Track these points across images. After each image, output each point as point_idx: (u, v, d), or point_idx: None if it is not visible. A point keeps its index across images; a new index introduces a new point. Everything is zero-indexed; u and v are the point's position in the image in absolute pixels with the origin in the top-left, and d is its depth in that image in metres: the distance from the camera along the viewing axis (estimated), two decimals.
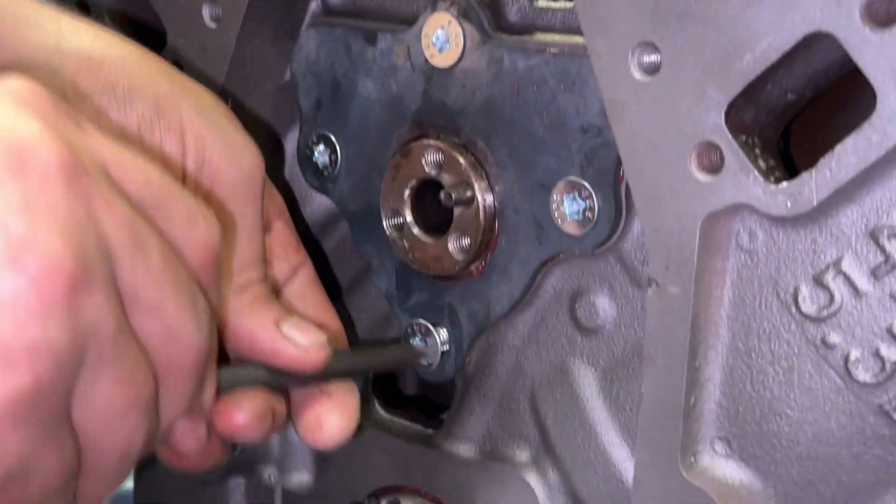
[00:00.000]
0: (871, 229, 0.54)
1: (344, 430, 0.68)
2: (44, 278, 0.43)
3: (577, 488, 0.71)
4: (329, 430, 0.68)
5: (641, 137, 0.59)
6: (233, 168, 0.63)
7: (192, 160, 0.62)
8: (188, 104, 0.63)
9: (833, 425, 0.58)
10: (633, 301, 0.67)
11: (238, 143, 0.64)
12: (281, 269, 0.71)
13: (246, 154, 0.65)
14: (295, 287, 0.72)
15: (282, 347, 0.64)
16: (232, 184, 0.63)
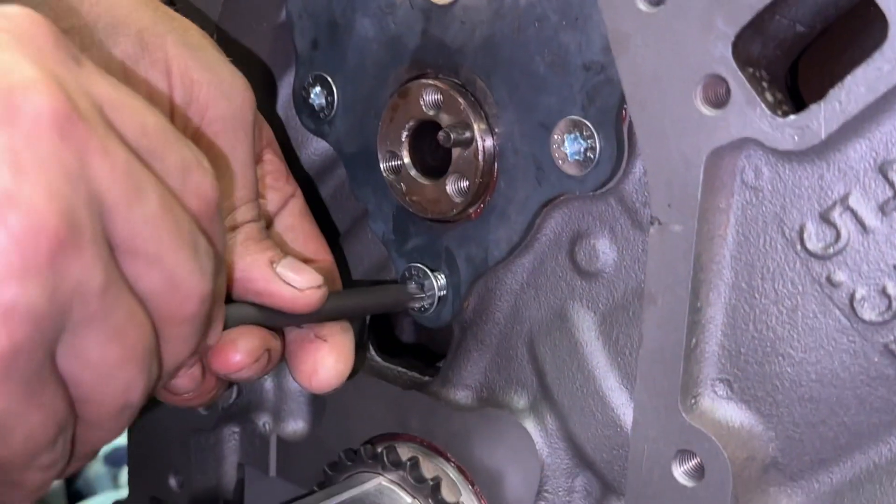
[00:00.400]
0: (880, 163, 0.53)
1: (340, 374, 0.68)
2: (25, 238, 0.41)
3: (575, 433, 0.70)
4: (325, 373, 0.67)
5: (646, 71, 0.57)
6: (222, 103, 0.62)
7: (180, 96, 0.61)
8: (173, 38, 0.61)
9: (837, 366, 0.57)
10: (633, 244, 0.66)
11: (226, 78, 0.63)
12: (272, 199, 0.70)
13: (235, 88, 0.63)
14: (285, 218, 0.71)
15: (277, 288, 0.63)
16: (221, 119, 0.62)
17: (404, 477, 0.76)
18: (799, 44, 0.57)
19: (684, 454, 0.61)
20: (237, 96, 0.63)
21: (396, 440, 0.80)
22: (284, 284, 0.63)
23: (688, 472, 0.61)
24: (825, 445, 0.59)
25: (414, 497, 0.76)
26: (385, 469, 0.77)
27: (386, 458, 0.76)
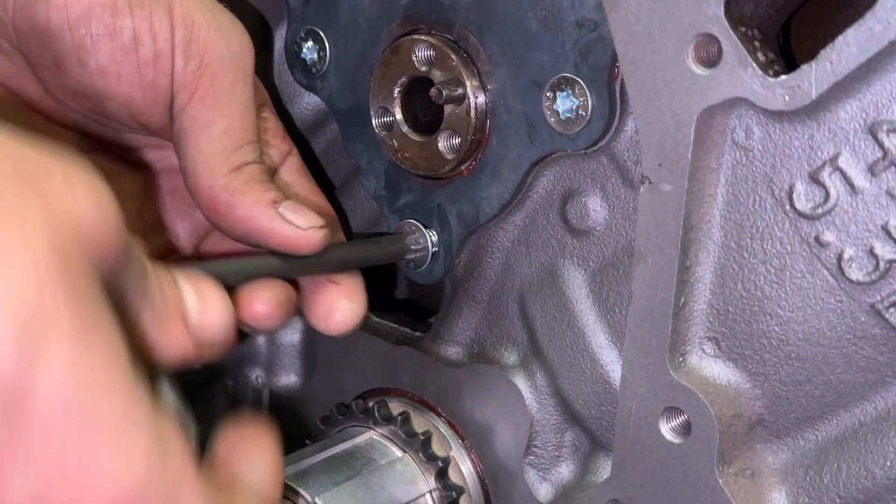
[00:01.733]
0: (870, 124, 0.53)
1: (355, 315, 0.69)
2: None
3: (564, 390, 0.71)
4: (341, 315, 0.69)
5: (638, 29, 0.57)
6: (221, 44, 0.63)
7: (181, 36, 0.62)
8: None
9: (824, 325, 0.58)
10: (624, 202, 0.66)
11: (226, 22, 0.65)
12: (269, 156, 0.70)
13: (234, 32, 0.65)
14: (284, 175, 0.71)
15: (279, 228, 0.64)
16: (221, 59, 0.63)
17: (395, 431, 0.77)
18: (791, 3, 0.57)
19: (672, 411, 0.62)
20: (236, 39, 0.65)
21: (388, 395, 0.80)
22: (287, 224, 0.64)
23: (675, 428, 0.62)
24: (811, 403, 0.60)
25: (405, 451, 0.76)
26: (376, 423, 0.77)
27: (377, 413, 0.77)
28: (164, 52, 0.62)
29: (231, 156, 0.63)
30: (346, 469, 0.74)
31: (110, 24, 0.61)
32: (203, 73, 0.62)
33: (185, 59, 0.62)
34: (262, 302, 0.63)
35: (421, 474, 0.76)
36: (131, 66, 0.62)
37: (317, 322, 0.69)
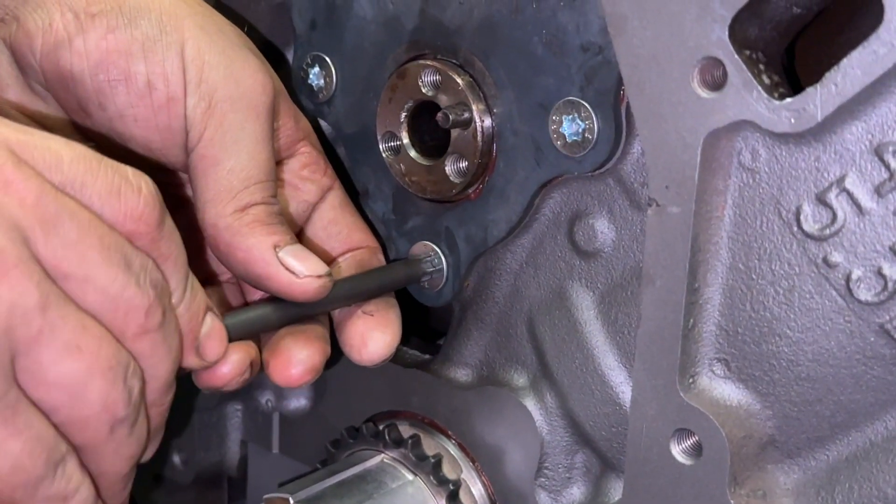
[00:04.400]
0: (876, 146, 0.53)
1: (388, 346, 0.70)
2: None
3: (574, 411, 0.71)
4: (374, 346, 0.70)
5: (643, 53, 0.58)
6: (231, 84, 0.64)
7: (192, 78, 0.63)
8: (190, 22, 0.64)
9: (833, 345, 0.58)
10: (632, 224, 0.67)
11: (238, 62, 0.65)
12: (310, 191, 0.72)
13: (246, 72, 0.65)
14: (326, 211, 0.72)
15: (275, 272, 0.64)
16: (230, 99, 0.64)
17: (406, 454, 0.77)
18: (796, 25, 0.57)
19: (682, 433, 0.62)
20: (248, 79, 0.65)
21: (398, 418, 0.80)
22: (283, 270, 0.63)
23: (686, 450, 0.62)
24: (822, 424, 0.60)
25: (416, 474, 0.76)
26: (387, 446, 0.77)
27: (387, 436, 0.77)
28: (176, 95, 0.63)
29: (237, 195, 0.64)
30: (358, 493, 0.74)
31: (125, 69, 0.62)
32: (212, 113, 0.63)
33: (195, 100, 0.63)
34: (300, 366, 0.66)
35: (432, 497, 0.76)
36: (147, 110, 0.63)
37: (350, 352, 0.70)
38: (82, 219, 0.50)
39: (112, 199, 0.51)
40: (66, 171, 0.50)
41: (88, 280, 0.50)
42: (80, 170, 0.51)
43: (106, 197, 0.51)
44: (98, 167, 0.51)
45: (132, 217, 0.52)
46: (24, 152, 0.49)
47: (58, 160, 0.50)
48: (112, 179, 0.52)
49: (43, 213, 0.48)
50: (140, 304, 0.52)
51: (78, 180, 0.51)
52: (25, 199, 0.48)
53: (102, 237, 0.51)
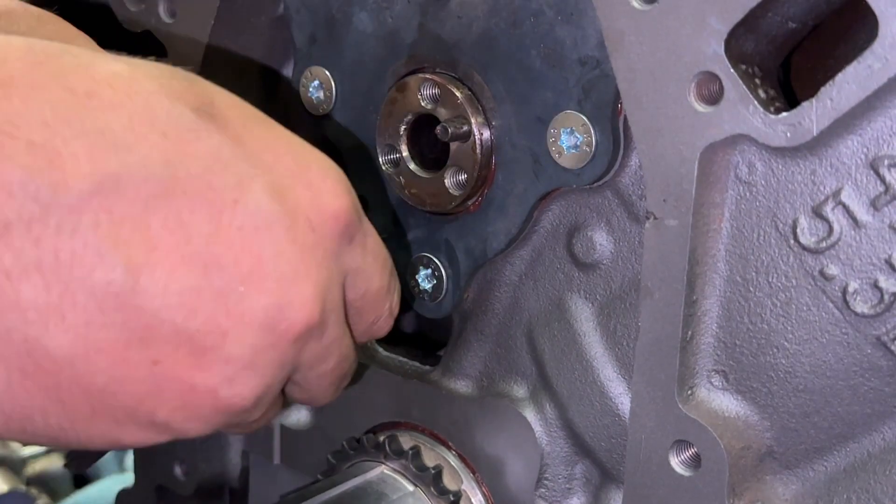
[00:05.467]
0: (872, 159, 0.54)
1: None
2: (294, 330, 0.54)
3: (574, 422, 0.71)
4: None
5: (640, 68, 0.58)
6: None
7: None
8: None
9: (830, 357, 0.58)
10: (630, 236, 0.67)
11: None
12: None
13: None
14: None
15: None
16: None
17: (406, 465, 0.77)
18: (791, 40, 0.58)
19: (681, 444, 0.62)
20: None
21: (398, 429, 0.81)
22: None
23: (685, 461, 0.62)
24: (820, 435, 0.60)
25: (416, 485, 0.77)
26: (387, 458, 0.78)
27: (388, 447, 0.78)
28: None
29: None
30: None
31: None
32: None
33: None
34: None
35: None
36: None
37: None
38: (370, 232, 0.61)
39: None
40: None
41: (378, 302, 0.63)
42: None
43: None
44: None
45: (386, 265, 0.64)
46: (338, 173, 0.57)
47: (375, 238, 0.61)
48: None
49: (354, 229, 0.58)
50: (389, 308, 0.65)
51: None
52: (363, 254, 0.60)
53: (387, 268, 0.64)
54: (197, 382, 0.51)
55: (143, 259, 0.48)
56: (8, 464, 1.89)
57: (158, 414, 0.51)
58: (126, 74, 0.49)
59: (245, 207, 0.51)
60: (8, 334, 0.46)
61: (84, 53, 0.50)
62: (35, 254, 0.45)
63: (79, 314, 0.47)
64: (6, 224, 0.45)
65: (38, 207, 0.45)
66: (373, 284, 0.61)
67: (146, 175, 0.48)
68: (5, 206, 0.45)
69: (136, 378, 0.50)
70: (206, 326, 0.50)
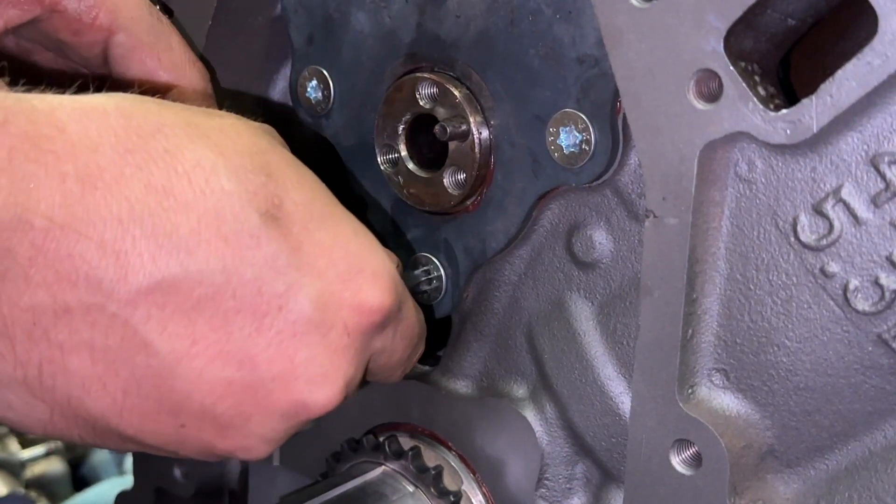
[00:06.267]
0: (872, 156, 0.54)
1: None
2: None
3: (574, 422, 0.71)
4: None
5: (639, 66, 0.58)
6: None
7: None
8: None
9: (831, 355, 0.58)
10: (630, 234, 0.67)
11: None
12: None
13: None
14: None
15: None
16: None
17: (406, 466, 0.77)
18: (790, 37, 0.58)
19: (682, 443, 0.62)
20: None
21: (398, 430, 0.80)
22: None
23: (685, 460, 0.62)
24: (821, 433, 0.60)
25: (416, 486, 0.76)
26: (387, 458, 0.78)
27: (388, 448, 0.77)
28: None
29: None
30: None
31: None
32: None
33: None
34: None
35: None
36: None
37: None
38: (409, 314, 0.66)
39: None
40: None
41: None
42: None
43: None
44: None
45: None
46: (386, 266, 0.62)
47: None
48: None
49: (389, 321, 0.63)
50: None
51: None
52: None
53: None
54: (217, 447, 0.58)
55: (184, 350, 0.53)
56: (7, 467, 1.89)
57: (180, 453, 0.59)
58: (207, 166, 0.54)
59: (287, 315, 0.56)
60: (53, 390, 0.53)
61: (175, 134, 0.54)
62: (88, 335, 0.51)
63: (118, 385, 0.53)
64: (67, 308, 0.50)
65: (98, 297, 0.50)
66: (393, 358, 0.67)
67: (201, 279, 0.53)
68: (69, 293, 0.50)
69: (163, 433, 0.56)
70: (231, 411, 0.56)
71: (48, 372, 0.52)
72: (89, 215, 0.50)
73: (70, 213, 0.49)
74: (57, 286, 0.50)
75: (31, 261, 0.49)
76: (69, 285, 0.50)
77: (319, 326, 0.57)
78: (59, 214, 0.49)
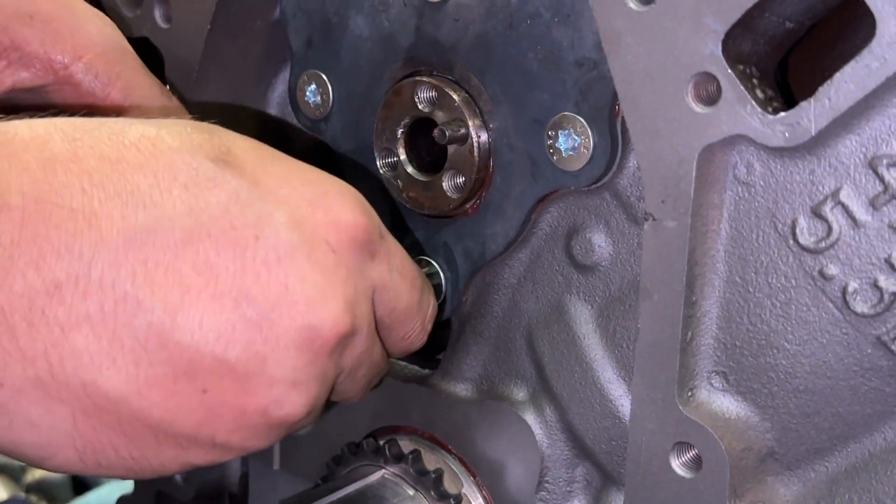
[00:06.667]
0: (870, 159, 0.54)
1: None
2: (330, 335, 0.58)
3: (574, 425, 0.71)
4: None
5: (637, 69, 0.58)
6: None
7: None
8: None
9: (830, 357, 0.58)
10: (629, 237, 0.67)
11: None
12: None
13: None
14: None
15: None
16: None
17: (406, 469, 0.77)
18: (789, 40, 0.58)
19: (682, 446, 0.62)
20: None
21: (398, 433, 0.80)
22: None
23: (686, 463, 0.62)
24: (821, 435, 0.60)
25: (416, 489, 0.76)
26: (387, 462, 0.78)
27: (388, 452, 0.77)
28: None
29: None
30: None
31: None
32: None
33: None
34: None
35: None
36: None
37: None
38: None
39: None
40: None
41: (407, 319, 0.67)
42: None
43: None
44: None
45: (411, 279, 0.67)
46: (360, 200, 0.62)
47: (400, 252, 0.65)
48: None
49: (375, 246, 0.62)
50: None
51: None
52: (388, 269, 0.64)
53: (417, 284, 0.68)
54: (247, 406, 0.56)
55: (178, 300, 0.53)
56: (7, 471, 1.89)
57: (217, 437, 0.57)
58: (152, 135, 0.55)
59: (266, 241, 0.55)
60: (67, 380, 0.52)
61: (118, 123, 0.56)
62: (84, 307, 0.51)
63: (127, 356, 0.53)
64: (57, 283, 0.51)
65: (82, 265, 0.51)
66: (401, 302, 0.66)
67: (172, 225, 0.53)
68: (56, 266, 0.50)
69: (189, 408, 0.55)
70: (245, 355, 0.55)
71: (56, 358, 0.51)
72: (55, 189, 0.51)
73: (40, 191, 0.51)
74: (43, 263, 0.50)
75: (15, 243, 0.50)
76: (54, 258, 0.51)
77: (301, 246, 0.57)
78: (30, 191, 0.50)
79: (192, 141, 0.56)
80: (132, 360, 0.53)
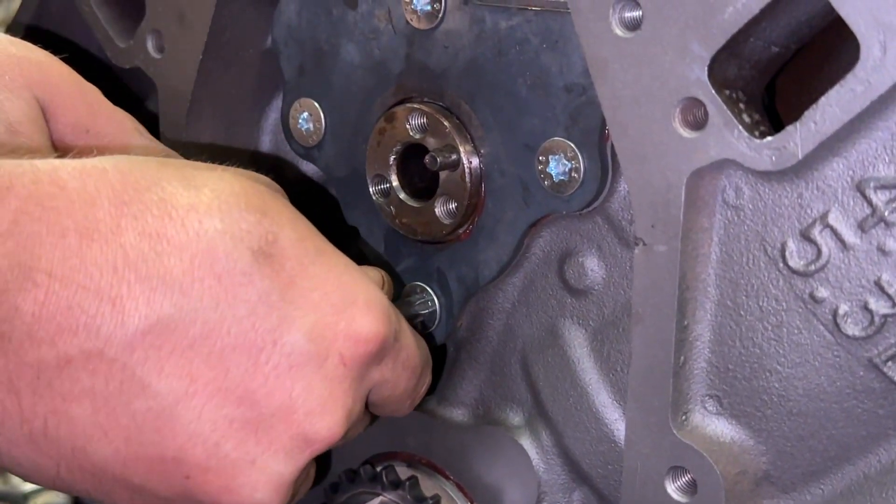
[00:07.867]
0: (858, 182, 0.54)
1: None
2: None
3: (570, 449, 0.71)
4: None
5: (624, 95, 0.58)
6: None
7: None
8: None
9: (823, 380, 0.58)
10: (621, 261, 0.67)
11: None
12: None
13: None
14: None
15: None
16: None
17: (404, 496, 0.77)
18: (775, 64, 0.58)
19: (677, 470, 0.62)
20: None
21: (395, 459, 0.80)
22: None
23: (681, 487, 0.62)
24: (815, 458, 0.60)
25: None
26: (385, 488, 0.77)
27: (385, 478, 0.77)
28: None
29: None
30: None
31: None
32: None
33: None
34: None
35: None
36: None
37: None
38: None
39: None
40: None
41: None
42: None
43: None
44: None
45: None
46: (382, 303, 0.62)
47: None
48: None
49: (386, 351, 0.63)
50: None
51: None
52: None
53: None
54: (224, 501, 0.58)
55: (182, 389, 0.54)
56: (10, 499, 1.89)
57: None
58: (202, 209, 0.55)
59: (282, 349, 0.56)
60: (58, 441, 0.54)
61: (171, 184, 0.55)
62: (89, 383, 0.52)
63: (120, 433, 0.54)
64: (68, 359, 0.52)
65: (97, 344, 0.52)
66: (398, 390, 0.66)
67: (195, 317, 0.54)
68: (70, 344, 0.51)
69: (170, 484, 0.56)
70: (235, 452, 0.56)
71: (53, 424, 0.53)
72: (86, 266, 0.51)
73: (69, 266, 0.51)
74: (58, 338, 0.51)
75: (35, 317, 0.50)
76: (70, 335, 0.51)
77: (315, 358, 0.57)
78: (59, 269, 0.51)
79: (239, 227, 0.56)
80: (124, 437, 0.54)
